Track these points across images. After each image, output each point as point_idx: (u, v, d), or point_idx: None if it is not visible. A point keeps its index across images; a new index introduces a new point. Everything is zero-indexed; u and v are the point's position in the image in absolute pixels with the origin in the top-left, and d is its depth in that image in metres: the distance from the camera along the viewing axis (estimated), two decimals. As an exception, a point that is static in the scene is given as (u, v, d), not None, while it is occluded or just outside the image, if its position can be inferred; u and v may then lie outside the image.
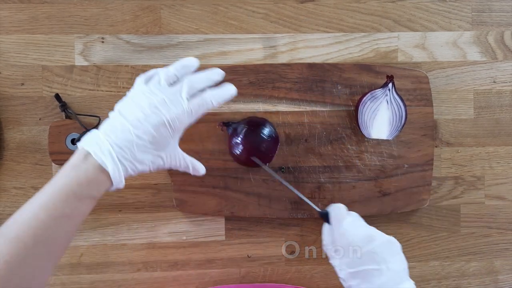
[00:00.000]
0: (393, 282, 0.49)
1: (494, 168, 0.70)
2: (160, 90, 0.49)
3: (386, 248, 0.51)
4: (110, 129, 0.47)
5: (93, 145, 0.46)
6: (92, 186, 0.45)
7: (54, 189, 0.44)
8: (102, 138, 0.46)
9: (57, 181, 0.45)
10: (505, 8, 0.70)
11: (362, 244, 0.51)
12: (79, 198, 0.44)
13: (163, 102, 0.48)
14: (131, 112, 0.48)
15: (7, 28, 0.64)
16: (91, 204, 0.46)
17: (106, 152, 0.46)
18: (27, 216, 0.43)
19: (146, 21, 0.66)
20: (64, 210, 0.43)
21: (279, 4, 0.67)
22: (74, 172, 0.45)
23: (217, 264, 0.67)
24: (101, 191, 0.46)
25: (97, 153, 0.45)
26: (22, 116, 0.65)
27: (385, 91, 0.63)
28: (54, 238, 0.43)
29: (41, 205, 0.43)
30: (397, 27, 0.68)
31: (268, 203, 0.65)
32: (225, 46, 0.67)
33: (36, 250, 0.42)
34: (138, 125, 0.47)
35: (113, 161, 0.46)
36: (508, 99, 0.70)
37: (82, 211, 0.45)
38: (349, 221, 0.53)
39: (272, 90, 0.65)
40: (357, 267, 0.50)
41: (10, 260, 0.40)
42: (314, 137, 0.66)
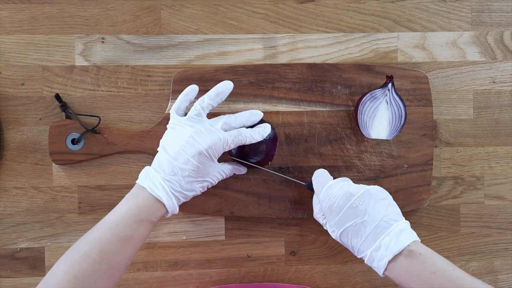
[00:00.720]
0: (380, 229, 0.50)
1: (493, 168, 0.70)
2: (196, 121, 0.56)
3: (365, 199, 0.52)
4: (159, 164, 0.54)
5: (147, 180, 0.53)
6: (150, 211, 0.51)
7: (118, 213, 0.51)
8: (154, 173, 0.53)
9: (120, 207, 0.52)
10: (505, 8, 0.70)
11: (343, 202, 0.52)
12: (139, 221, 0.50)
13: (200, 132, 0.54)
14: (171, 146, 0.54)
15: (7, 28, 0.64)
16: (150, 227, 0.52)
17: (159, 185, 0.52)
18: (94, 236, 0.49)
19: (146, 21, 0.66)
20: (127, 232, 0.49)
21: (279, 4, 0.67)
22: (134, 200, 0.52)
23: (217, 264, 0.67)
24: (158, 216, 0.53)
25: (152, 188, 0.52)
26: (23, 116, 0.65)
27: (384, 91, 0.63)
28: (117, 256, 0.48)
29: (107, 227, 0.49)
30: (397, 27, 0.69)
31: (268, 203, 0.65)
32: (225, 46, 0.67)
33: (102, 266, 0.47)
34: (179, 157, 0.53)
35: (166, 194, 0.52)
36: (507, 99, 0.70)
37: (141, 233, 0.51)
38: (329, 184, 0.55)
39: (272, 90, 0.66)
40: (344, 225, 0.52)
41: (79, 275, 0.46)
42: (314, 137, 0.66)
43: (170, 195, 0.52)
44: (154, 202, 0.52)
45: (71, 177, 0.65)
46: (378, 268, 0.50)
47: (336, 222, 0.53)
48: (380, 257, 0.49)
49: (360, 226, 0.51)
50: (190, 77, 0.65)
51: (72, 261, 0.47)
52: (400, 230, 0.50)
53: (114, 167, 0.65)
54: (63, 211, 0.65)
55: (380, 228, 0.50)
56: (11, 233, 0.65)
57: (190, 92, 0.58)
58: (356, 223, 0.51)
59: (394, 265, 0.49)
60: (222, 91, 0.58)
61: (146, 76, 0.66)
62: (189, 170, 0.53)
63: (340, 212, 0.52)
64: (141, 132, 0.64)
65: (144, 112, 0.66)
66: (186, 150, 0.53)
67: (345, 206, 0.52)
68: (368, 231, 0.50)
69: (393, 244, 0.49)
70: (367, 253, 0.50)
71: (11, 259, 0.65)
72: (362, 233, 0.51)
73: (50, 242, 0.65)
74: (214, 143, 0.54)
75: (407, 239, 0.49)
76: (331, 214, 0.53)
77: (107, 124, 0.65)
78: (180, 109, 0.58)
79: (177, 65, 0.66)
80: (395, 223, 0.50)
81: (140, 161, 0.65)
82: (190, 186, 0.54)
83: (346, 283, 0.69)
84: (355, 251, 0.53)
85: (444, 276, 0.47)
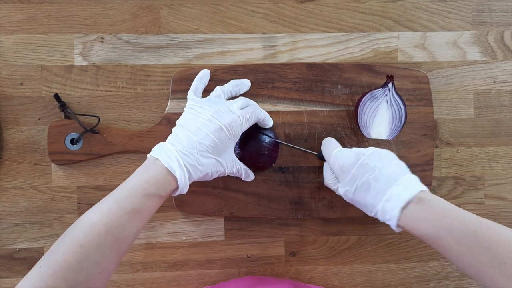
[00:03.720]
0: (390, 181, 0.52)
1: (494, 168, 0.70)
2: (216, 102, 0.58)
3: (375, 156, 0.54)
4: (175, 139, 0.54)
5: (162, 153, 0.52)
6: (159, 185, 0.51)
7: (126, 187, 0.50)
8: (170, 147, 0.53)
9: (129, 180, 0.51)
10: (505, 8, 0.70)
11: (353, 160, 0.55)
12: (147, 195, 0.49)
13: (219, 111, 0.56)
14: (191, 123, 0.55)
15: (6, 28, 0.64)
16: (158, 202, 0.51)
17: (174, 158, 0.52)
18: (101, 208, 0.48)
19: (145, 20, 0.66)
20: (134, 205, 0.48)
21: (279, 4, 0.67)
22: (144, 173, 0.51)
23: (216, 265, 0.67)
24: (167, 191, 0.52)
25: (165, 159, 0.52)
26: (21, 116, 0.64)
27: (385, 91, 0.63)
28: (123, 230, 0.47)
29: (114, 200, 0.48)
30: (397, 27, 0.68)
31: (268, 203, 0.65)
32: (225, 45, 0.67)
33: (107, 239, 0.46)
34: (199, 132, 0.54)
35: (180, 166, 0.52)
36: (508, 99, 0.70)
37: (149, 207, 0.50)
38: (339, 149, 0.59)
39: (272, 90, 0.65)
40: (355, 182, 0.54)
41: (84, 245, 0.45)
42: (314, 137, 0.65)
43: (183, 168, 0.52)
44: (165, 176, 0.51)
45: (70, 177, 0.65)
46: (392, 218, 0.51)
47: (349, 181, 0.55)
48: (392, 206, 0.51)
49: (371, 181, 0.52)
50: (189, 76, 0.64)
51: (78, 233, 0.46)
52: (409, 181, 0.52)
53: (113, 167, 0.65)
54: (62, 211, 0.65)
55: (390, 182, 0.52)
56: (10, 234, 0.65)
57: (204, 76, 0.62)
58: (368, 178, 0.53)
59: (405, 213, 0.50)
60: (242, 84, 0.63)
61: (146, 76, 0.66)
62: (208, 145, 0.54)
63: (352, 169, 0.54)
64: (140, 132, 0.64)
65: (143, 112, 0.66)
66: (206, 127, 0.55)
67: (356, 163, 0.54)
68: (379, 184, 0.52)
69: (403, 193, 0.50)
70: (380, 205, 0.52)
71: (10, 260, 0.65)
72: (373, 188, 0.52)
73: (49, 242, 0.65)
74: (234, 120, 0.56)
75: (416, 188, 0.51)
76: (343, 174, 0.55)
77: (106, 124, 0.65)
78: (198, 91, 0.61)
79: (176, 65, 0.66)
80: (403, 176, 0.52)
81: (139, 161, 0.65)
82: (206, 161, 0.54)
83: (346, 283, 0.68)
84: (368, 208, 0.54)
85: (452, 216, 0.48)
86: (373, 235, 0.69)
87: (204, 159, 0.54)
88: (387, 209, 0.51)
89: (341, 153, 0.57)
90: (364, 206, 0.54)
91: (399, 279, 0.69)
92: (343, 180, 0.56)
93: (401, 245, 0.69)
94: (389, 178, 0.52)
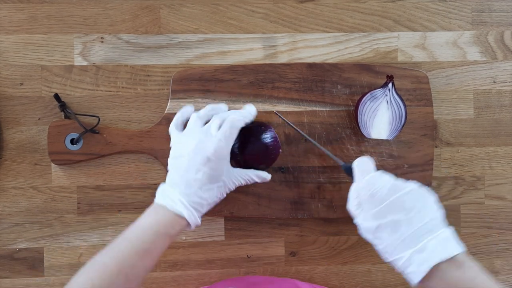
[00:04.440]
0: (426, 231, 0.46)
1: (494, 168, 0.70)
2: (195, 131, 0.56)
3: (416, 195, 0.48)
4: (172, 181, 0.55)
5: (165, 199, 0.53)
6: (169, 225, 0.52)
7: (137, 226, 0.52)
8: (171, 190, 0.54)
9: (140, 221, 0.53)
10: (505, 8, 0.70)
11: (389, 193, 0.48)
12: (157, 235, 0.51)
13: (201, 141, 0.55)
14: (179, 160, 0.55)
15: (6, 28, 0.64)
16: (168, 241, 0.52)
17: (177, 201, 0.53)
18: (113, 249, 0.50)
19: (145, 20, 0.66)
20: (145, 245, 0.50)
21: (279, 4, 0.67)
22: (153, 215, 0.53)
23: (216, 265, 0.67)
24: (176, 229, 0.53)
25: (170, 204, 0.53)
26: (21, 116, 0.64)
27: (385, 91, 0.63)
28: (134, 269, 0.49)
29: (125, 240, 0.51)
30: (397, 27, 0.68)
31: (268, 203, 0.65)
32: (225, 45, 0.67)
33: (119, 278, 0.48)
34: (190, 169, 0.54)
35: (185, 207, 0.53)
36: (508, 99, 0.70)
37: (159, 246, 0.52)
38: (375, 173, 0.51)
39: (272, 90, 0.65)
40: (384, 217, 0.48)
41: (97, 284, 0.47)
42: (314, 137, 0.65)
43: (190, 208, 0.53)
44: (174, 217, 0.53)
45: (70, 177, 0.65)
46: (417, 272, 0.46)
47: (375, 214, 0.48)
48: (422, 260, 0.45)
49: (402, 223, 0.47)
50: (189, 76, 0.64)
51: (92, 271, 0.48)
52: (447, 236, 0.46)
53: (113, 167, 0.65)
54: (62, 211, 0.65)
55: (425, 230, 0.46)
56: (10, 234, 0.65)
57: (186, 112, 0.60)
58: (399, 219, 0.47)
59: (436, 274, 0.45)
60: (218, 108, 0.60)
61: (146, 75, 0.66)
62: (202, 179, 0.54)
63: (383, 202, 0.48)
64: (140, 132, 0.64)
65: (143, 112, 0.66)
66: (194, 161, 0.54)
67: (391, 197, 0.48)
68: (411, 230, 0.46)
69: (441, 249, 0.45)
70: (406, 254, 0.46)
71: (10, 260, 0.65)
72: (404, 231, 0.46)
73: (49, 242, 0.65)
74: (217, 145, 0.54)
75: (457, 247, 0.46)
76: (371, 204, 0.49)
77: (106, 124, 0.65)
78: (178, 126, 0.59)
79: (176, 65, 0.66)
80: (442, 228, 0.47)
81: (139, 161, 0.65)
82: (209, 193, 0.54)
83: (346, 283, 0.68)
84: (388, 251, 0.48)
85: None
86: (373, 235, 0.69)
87: (206, 192, 0.54)
88: (416, 260, 0.46)
89: (375, 180, 0.50)
90: (383, 247, 0.49)
91: (399, 279, 0.69)
92: (368, 210, 0.49)
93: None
94: (425, 225, 0.46)
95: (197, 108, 0.64)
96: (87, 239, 0.65)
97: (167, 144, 0.64)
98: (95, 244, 0.65)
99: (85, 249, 0.65)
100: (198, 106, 0.64)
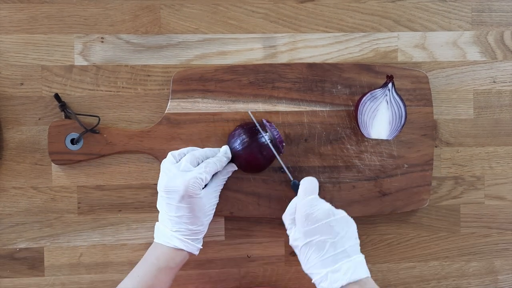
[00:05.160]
0: (344, 254, 0.53)
1: (494, 168, 0.70)
2: (170, 169, 0.58)
3: (343, 223, 0.54)
4: (161, 219, 0.58)
5: (161, 236, 0.57)
6: (169, 259, 0.56)
7: (140, 265, 0.56)
8: (164, 228, 0.57)
9: (142, 260, 0.56)
10: (505, 8, 0.70)
11: (322, 216, 0.54)
12: (158, 269, 0.55)
13: (173, 178, 0.56)
14: (160, 201, 0.58)
15: (6, 28, 0.64)
16: (170, 274, 0.56)
17: (172, 237, 0.56)
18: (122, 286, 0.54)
19: (145, 20, 0.66)
20: (147, 281, 0.54)
21: (279, 4, 0.67)
22: (153, 251, 0.57)
23: (216, 264, 0.67)
24: (177, 262, 0.56)
25: (166, 241, 0.56)
26: (22, 116, 0.65)
27: (385, 91, 0.63)
28: None
29: (130, 279, 0.55)
30: (397, 27, 0.68)
31: (268, 203, 0.65)
32: (225, 46, 0.67)
33: None
34: (169, 209, 0.57)
35: (181, 241, 0.56)
36: (508, 99, 0.70)
37: (162, 280, 0.55)
38: (314, 197, 0.57)
39: (272, 90, 0.65)
40: (312, 236, 0.53)
41: None
42: (314, 137, 0.66)
43: (185, 241, 0.56)
44: (174, 251, 0.56)
45: (70, 177, 0.65)
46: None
47: (306, 232, 0.54)
48: (335, 279, 0.51)
49: (327, 245, 0.53)
50: (189, 77, 0.64)
51: None
52: (359, 262, 0.53)
53: (114, 167, 0.65)
54: (62, 211, 0.65)
55: (344, 254, 0.52)
56: (10, 233, 0.65)
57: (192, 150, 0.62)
58: (326, 240, 0.53)
59: None
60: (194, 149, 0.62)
61: (146, 76, 0.66)
62: (184, 215, 0.56)
63: (316, 223, 0.54)
64: (140, 132, 0.64)
65: (143, 112, 0.66)
66: (170, 200, 0.56)
67: (323, 220, 0.53)
68: (333, 252, 0.52)
69: (351, 272, 0.51)
70: (323, 271, 0.52)
71: (10, 259, 0.65)
72: (327, 252, 0.53)
73: (49, 242, 0.65)
74: (189, 182, 0.55)
75: (365, 271, 0.53)
76: (304, 222, 0.54)
77: (106, 124, 0.65)
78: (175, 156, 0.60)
79: (176, 65, 0.66)
80: (357, 254, 0.53)
81: (139, 161, 0.65)
82: (195, 225, 0.57)
83: (346, 283, 0.68)
84: (308, 265, 0.54)
85: None
86: (373, 235, 0.69)
87: (193, 225, 0.57)
88: (330, 279, 0.52)
89: (315, 202, 0.55)
90: (305, 260, 0.54)
91: (399, 279, 0.69)
92: (300, 228, 0.55)
93: (401, 245, 0.69)
94: (345, 250, 0.53)
95: (197, 107, 0.64)
96: (87, 239, 0.65)
97: (167, 144, 0.64)
98: (95, 244, 0.65)
99: (85, 249, 0.65)
100: (198, 106, 0.64)
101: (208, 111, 0.65)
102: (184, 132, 0.64)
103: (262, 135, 0.61)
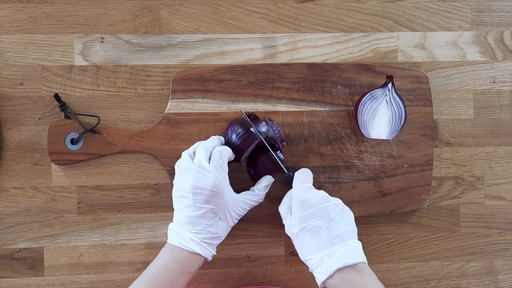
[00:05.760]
0: (339, 238, 0.53)
1: (493, 168, 0.70)
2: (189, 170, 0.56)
3: (338, 209, 0.55)
4: (180, 220, 0.56)
5: (177, 238, 0.55)
6: (187, 263, 0.54)
7: (156, 266, 0.54)
8: (181, 229, 0.55)
9: (158, 260, 0.55)
10: (505, 8, 0.70)
11: (317, 202, 0.55)
12: (177, 274, 0.53)
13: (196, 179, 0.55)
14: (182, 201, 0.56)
15: (6, 28, 0.64)
16: (188, 278, 0.55)
17: (189, 239, 0.54)
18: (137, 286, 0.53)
19: (145, 20, 0.66)
20: (165, 285, 0.53)
21: (279, 4, 0.67)
22: (170, 254, 0.55)
23: (216, 264, 0.67)
24: (195, 267, 0.55)
25: (183, 244, 0.54)
26: (22, 116, 0.65)
27: (384, 91, 0.63)
28: None
29: (146, 281, 0.53)
30: (397, 27, 0.68)
31: (268, 203, 0.65)
32: (225, 46, 0.67)
33: None
34: (193, 209, 0.55)
35: (199, 244, 0.55)
36: (507, 99, 0.70)
37: (180, 285, 0.54)
38: (309, 185, 0.58)
39: (272, 90, 0.65)
40: (308, 221, 0.54)
41: None
42: (313, 137, 0.66)
43: (203, 245, 0.55)
44: (190, 255, 0.55)
45: (70, 177, 0.65)
46: (323, 273, 0.52)
47: (301, 217, 0.54)
48: (331, 262, 0.51)
49: (322, 229, 0.53)
50: (189, 77, 0.65)
51: None
52: (355, 247, 0.53)
53: (113, 167, 0.65)
54: (62, 211, 0.65)
55: (339, 238, 0.53)
56: (10, 233, 0.65)
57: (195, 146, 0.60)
58: (321, 225, 0.53)
59: (339, 275, 0.51)
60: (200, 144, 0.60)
61: (146, 76, 0.66)
62: (207, 216, 0.55)
63: (310, 209, 0.54)
64: (140, 132, 0.64)
65: (143, 112, 0.66)
66: (195, 201, 0.55)
67: (318, 205, 0.54)
68: (328, 236, 0.53)
69: (347, 255, 0.52)
70: (319, 255, 0.52)
71: (10, 259, 0.65)
72: (322, 236, 0.53)
73: (49, 242, 0.65)
74: (215, 180, 0.55)
75: (361, 256, 0.53)
76: (300, 208, 0.55)
77: (106, 124, 0.65)
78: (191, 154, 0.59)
79: (176, 65, 0.66)
80: (353, 240, 0.54)
81: (139, 161, 0.65)
82: (216, 228, 0.56)
83: (346, 283, 0.68)
84: (304, 251, 0.54)
85: None
86: (373, 235, 0.69)
87: (214, 226, 0.56)
88: (325, 262, 0.52)
89: (308, 189, 0.57)
90: (301, 246, 0.54)
91: (399, 279, 0.69)
92: (296, 214, 0.55)
93: (400, 245, 0.69)
94: (340, 234, 0.53)
95: (197, 107, 0.64)
96: (87, 239, 0.65)
97: (167, 144, 0.64)
98: (95, 244, 0.65)
99: (85, 249, 0.65)
100: (198, 106, 0.64)
101: (208, 111, 0.65)
102: (184, 132, 0.64)
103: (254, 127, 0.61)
